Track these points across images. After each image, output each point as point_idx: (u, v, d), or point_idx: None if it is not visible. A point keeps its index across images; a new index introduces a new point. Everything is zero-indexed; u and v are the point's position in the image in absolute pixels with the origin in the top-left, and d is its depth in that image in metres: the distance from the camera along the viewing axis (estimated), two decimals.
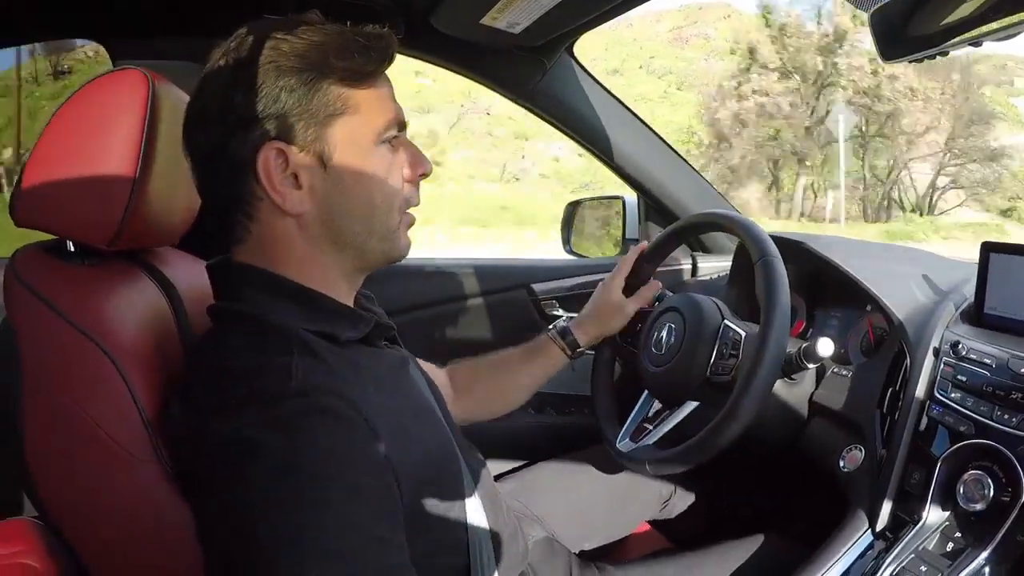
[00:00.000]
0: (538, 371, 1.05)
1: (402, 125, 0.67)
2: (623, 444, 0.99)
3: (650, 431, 0.97)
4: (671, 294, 1.04)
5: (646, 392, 1.01)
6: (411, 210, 0.70)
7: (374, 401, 0.59)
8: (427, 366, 1.05)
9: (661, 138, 1.42)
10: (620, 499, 1.09)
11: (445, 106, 17.76)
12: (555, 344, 1.05)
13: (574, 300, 1.43)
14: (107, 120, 0.65)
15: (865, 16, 0.72)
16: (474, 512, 0.71)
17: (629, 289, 1.05)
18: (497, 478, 0.92)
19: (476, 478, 0.75)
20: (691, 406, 0.93)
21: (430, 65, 1.32)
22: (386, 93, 0.65)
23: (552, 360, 1.05)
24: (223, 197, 0.63)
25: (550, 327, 1.07)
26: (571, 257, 1.58)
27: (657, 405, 0.99)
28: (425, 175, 0.69)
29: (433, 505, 0.64)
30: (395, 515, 0.56)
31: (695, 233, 1.27)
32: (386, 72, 0.66)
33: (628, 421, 1.02)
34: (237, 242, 0.65)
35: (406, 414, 0.64)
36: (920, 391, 0.80)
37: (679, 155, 1.45)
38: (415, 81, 16.21)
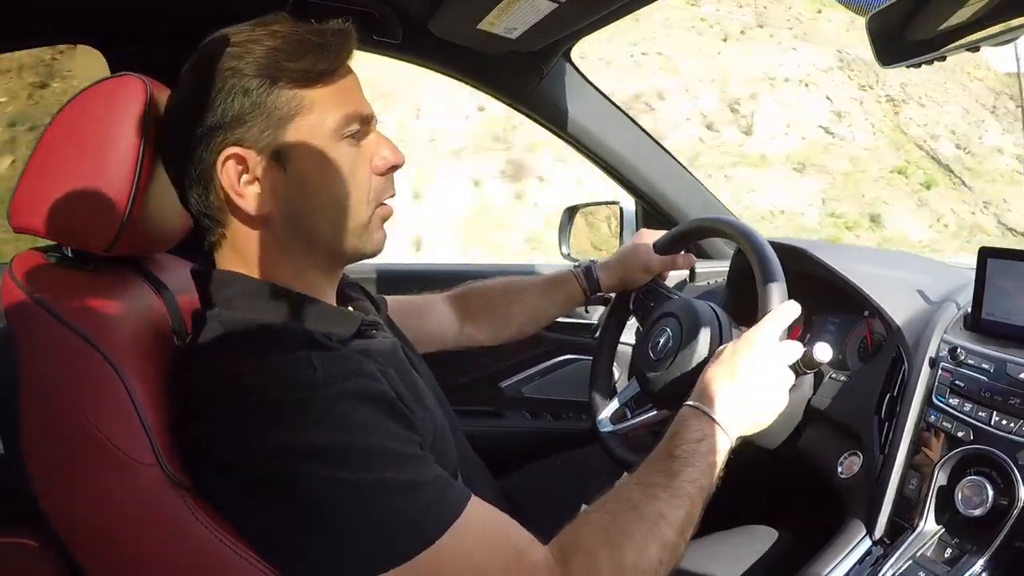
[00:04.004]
0: (553, 306, 1.06)
1: (365, 119, 0.66)
2: (602, 423, 1.01)
3: (628, 420, 0.99)
4: (680, 296, 1.04)
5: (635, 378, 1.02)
6: (388, 201, 0.70)
7: (388, 378, 0.62)
8: (430, 298, 1.06)
9: (659, 143, 1.42)
10: None
11: None
12: (576, 280, 1.05)
13: None
14: (105, 127, 0.65)
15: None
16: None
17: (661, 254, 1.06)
18: (494, 478, 0.92)
19: (462, 452, 0.78)
20: (666, 414, 0.94)
21: None
22: (345, 88, 0.65)
23: (570, 295, 1.05)
24: (197, 205, 0.65)
25: (576, 263, 1.07)
26: (569, 263, 1.58)
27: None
28: (396, 167, 0.69)
29: None
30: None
31: (709, 236, 1.26)
32: (349, 67, 0.66)
33: (614, 399, 1.03)
34: (216, 248, 0.67)
35: (405, 395, 0.65)
36: (918, 397, 0.80)
37: (677, 160, 1.45)
38: None
